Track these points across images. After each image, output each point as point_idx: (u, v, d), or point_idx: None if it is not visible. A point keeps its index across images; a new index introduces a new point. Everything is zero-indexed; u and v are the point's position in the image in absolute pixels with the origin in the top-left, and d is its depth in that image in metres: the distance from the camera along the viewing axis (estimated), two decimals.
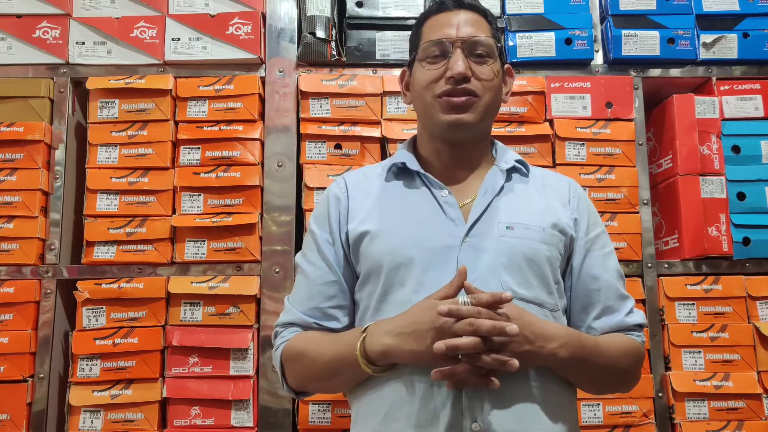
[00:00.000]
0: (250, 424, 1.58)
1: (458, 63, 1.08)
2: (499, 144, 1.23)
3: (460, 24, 1.11)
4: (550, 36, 1.77)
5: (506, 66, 1.19)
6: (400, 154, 1.18)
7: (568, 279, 1.15)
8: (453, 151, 1.15)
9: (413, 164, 1.15)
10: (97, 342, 1.61)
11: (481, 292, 0.97)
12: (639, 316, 1.15)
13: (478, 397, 0.97)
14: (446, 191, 1.11)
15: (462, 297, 0.96)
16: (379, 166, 1.21)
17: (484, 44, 1.11)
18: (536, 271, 1.06)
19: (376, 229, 1.10)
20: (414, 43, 1.18)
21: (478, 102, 1.10)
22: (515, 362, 0.92)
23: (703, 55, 1.80)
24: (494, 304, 0.95)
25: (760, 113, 1.77)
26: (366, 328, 1.03)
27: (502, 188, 1.12)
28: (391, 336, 0.98)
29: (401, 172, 1.17)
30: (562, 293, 1.12)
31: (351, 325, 1.14)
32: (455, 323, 0.93)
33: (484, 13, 1.16)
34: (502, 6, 1.81)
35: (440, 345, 0.91)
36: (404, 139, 1.69)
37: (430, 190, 1.12)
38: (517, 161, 1.17)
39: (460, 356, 0.94)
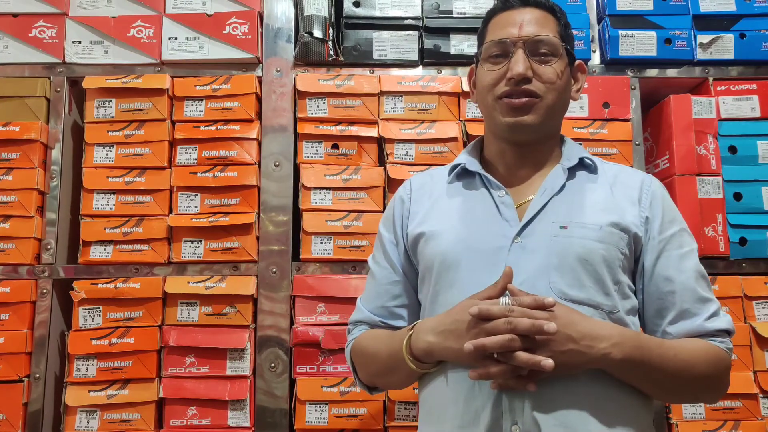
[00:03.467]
0: (247, 425, 1.58)
1: (518, 64, 1.05)
2: (568, 141, 1.18)
3: (523, 22, 1.08)
4: None
5: (577, 62, 1.15)
6: (462, 156, 1.18)
7: (640, 281, 1.09)
8: (517, 151, 1.12)
9: (472, 165, 1.14)
10: (94, 342, 1.60)
11: (525, 294, 0.94)
12: (723, 321, 1.06)
13: (519, 398, 0.95)
14: (503, 191, 1.09)
15: (504, 299, 0.94)
16: (445, 168, 1.20)
17: (548, 43, 1.08)
18: (590, 272, 1.02)
19: (431, 230, 1.10)
20: (479, 42, 1.16)
21: (540, 103, 1.07)
22: (549, 362, 0.88)
23: (700, 55, 1.80)
24: (536, 309, 0.92)
25: (757, 114, 1.77)
26: (413, 326, 1.04)
27: (563, 187, 1.09)
28: (434, 334, 0.99)
29: (464, 173, 1.15)
30: (626, 294, 1.05)
31: None
32: (491, 322, 0.92)
33: (551, 9, 1.12)
34: None
35: (468, 345, 0.91)
36: (402, 139, 1.70)
37: (488, 190, 1.11)
38: (583, 158, 1.13)
39: (495, 356, 0.92)
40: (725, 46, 1.80)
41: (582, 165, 1.13)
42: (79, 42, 1.77)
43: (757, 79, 1.79)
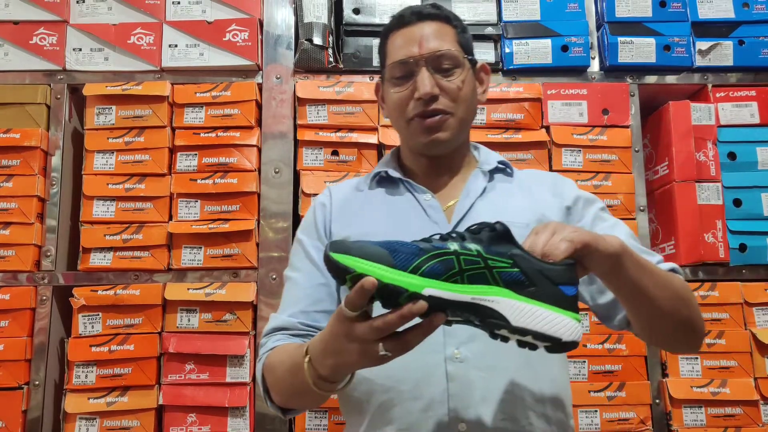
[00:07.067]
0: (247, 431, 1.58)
1: (424, 83, 1.05)
2: (481, 147, 1.22)
3: (423, 39, 1.07)
4: (547, 43, 1.78)
5: (479, 64, 1.16)
6: (382, 164, 1.19)
7: None
8: (433, 161, 1.14)
9: (395, 172, 1.15)
10: (93, 349, 1.60)
11: None
12: (671, 264, 1.04)
13: (466, 396, 0.96)
14: (429, 195, 1.10)
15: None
16: (364, 177, 1.21)
17: (449, 57, 1.08)
18: None
19: (358, 234, 1.07)
20: (381, 59, 1.16)
21: (451, 119, 1.08)
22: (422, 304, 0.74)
23: (699, 62, 1.80)
24: None
25: (756, 120, 1.78)
26: (306, 352, 0.89)
27: (484, 189, 1.11)
28: (324, 354, 0.85)
29: (385, 180, 1.17)
30: None
31: None
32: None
33: (446, 18, 1.12)
34: (499, 13, 1.82)
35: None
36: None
37: (413, 195, 1.12)
38: (500, 162, 1.16)
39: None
40: (724, 53, 1.80)
41: (498, 169, 1.15)
42: (80, 49, 1.77)
43: (756, 86, 1.79)
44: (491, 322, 0.75)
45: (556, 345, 0.76)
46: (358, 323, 0.77)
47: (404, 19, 1.11)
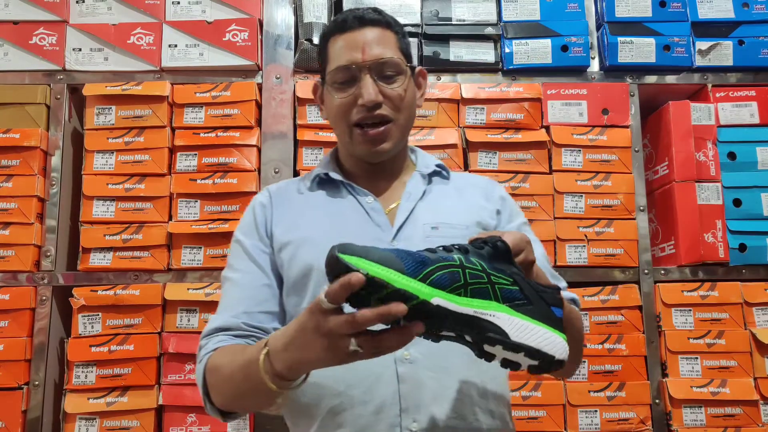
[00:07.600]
0: None
1: (369, 91, 1.05)
2: (418, 150, 1.24)
3: (365, 45, 1.07)
4: (546, 43, 1.78)
5: (417, 69, 1.17)
6: (322, 165, 1.18)
7: None
8: (374, 165, 1.15)
9: (336, 174, 1.15)
10: (93, 349, 1.60)
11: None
12: (572, 294, 1.11)
13: (417, 395, 0.97)
14: (371, 197, 1.11)
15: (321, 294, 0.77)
16: (304, 178, 1.20)
17: (392, 64, 1.08)
18: None
19: (301, 237, 1.08)
20: (322, 62, 1.15)
21: (394, 127, 1.09)
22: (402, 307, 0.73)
23: (699, 62, 1.80)
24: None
25: (756, 120, 1.78)
26: (266, 345, 0.86)
27: (424, 192, 1.13)
28: (287, 349, 0.83)
29: (326, 182, 1.16)
30: None
31: None
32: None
33: (387, 24, 1.12)
34: (499, 13, 1.82)
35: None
36: None
37: (355, 197, 1.12)
38: (437, 165, 1.18)
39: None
40: (724, 53, 1.80)
41: (435, 172, 1.18)
42: (80, 49, 1.77)
43: (755, 86, 1.79)
44: (490, 336, 0.76)
45: (544, 363, 0.77)
46: (332, 316, 0.75)
47: (347, 24, 1.10)
